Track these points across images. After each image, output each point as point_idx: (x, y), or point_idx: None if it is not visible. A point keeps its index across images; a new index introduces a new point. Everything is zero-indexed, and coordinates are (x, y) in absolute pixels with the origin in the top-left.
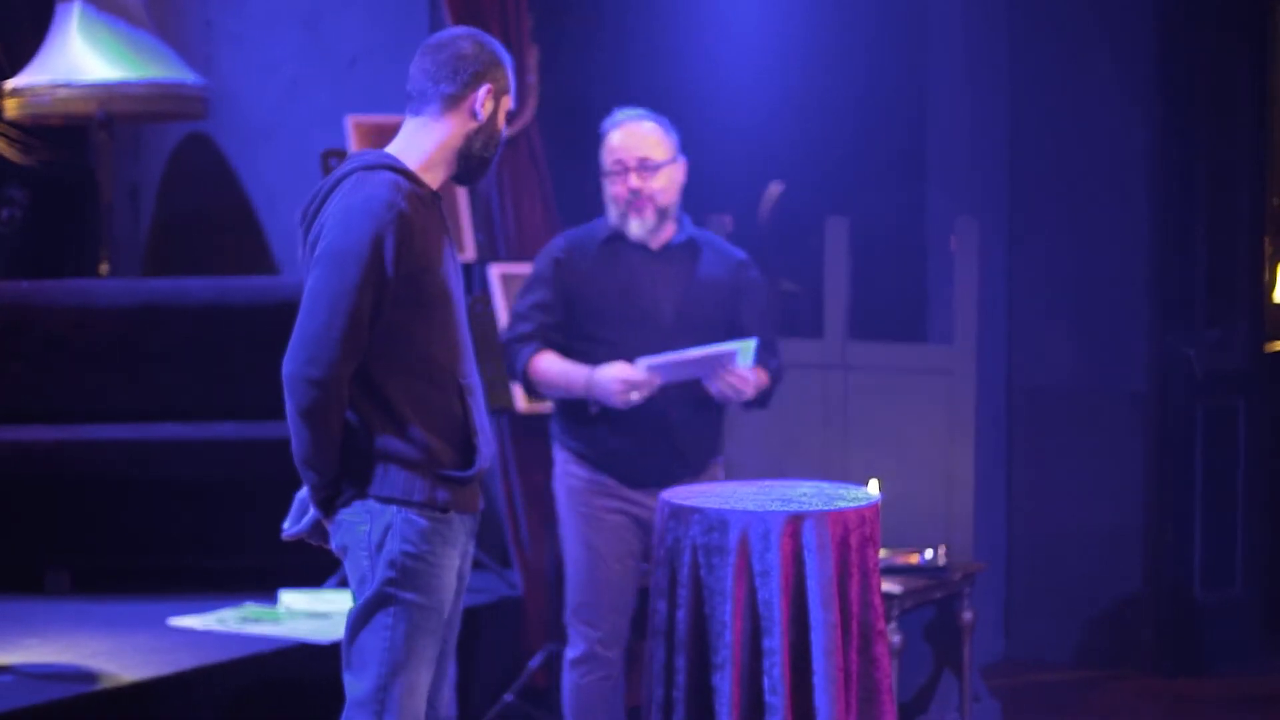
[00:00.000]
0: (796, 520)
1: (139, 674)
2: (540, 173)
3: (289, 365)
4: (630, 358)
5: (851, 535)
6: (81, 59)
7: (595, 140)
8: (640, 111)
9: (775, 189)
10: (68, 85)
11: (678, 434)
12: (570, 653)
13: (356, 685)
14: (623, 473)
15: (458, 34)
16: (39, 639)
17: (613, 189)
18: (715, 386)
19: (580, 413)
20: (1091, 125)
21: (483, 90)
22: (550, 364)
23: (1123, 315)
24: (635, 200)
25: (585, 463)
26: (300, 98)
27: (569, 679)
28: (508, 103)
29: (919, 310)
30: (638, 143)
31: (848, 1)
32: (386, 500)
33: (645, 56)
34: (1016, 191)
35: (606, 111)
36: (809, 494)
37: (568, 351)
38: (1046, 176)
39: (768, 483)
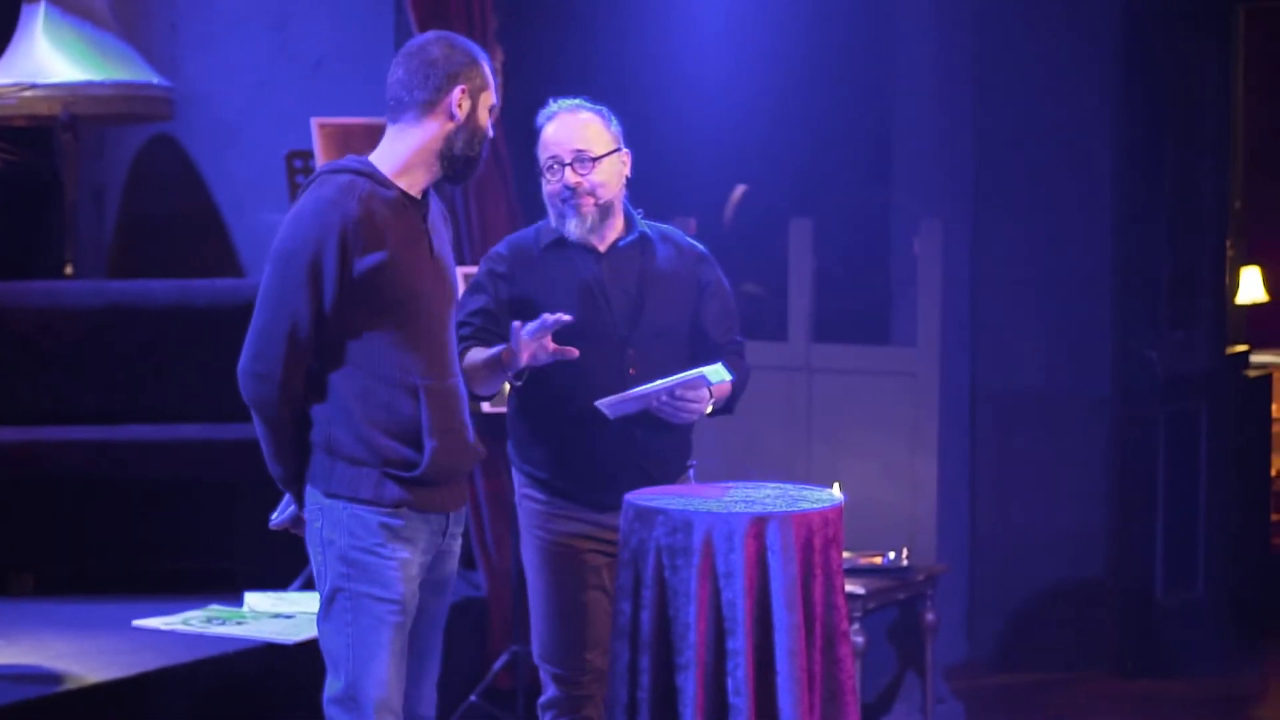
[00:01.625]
0: (760, 522)
1: (103, 675)
2: (504, 174)
3: (240, 361)
4: (589, 373)
5: (815, 537)
6: (46, 60)
7: None
8: (577, 101)
9: (739, 191)
10: (32, 86)
11: (642, 451)
12: (541, 696)
13: (331, 684)
14: (585, 497)
15: (427, 39)
16: (3, 640)
17: (548, 187)
18: (667, 412)
19: (534, 435)
20: (1056, 128)
21: (456, 91)
22: (475, 353)
23: (1086, 318)
24: (572, 197)
25: (543, 488)
26: (266, 100)
27: None
28: (489, 99)
29: (883, 313)
30: (573, 134)
31: (814, 4)
32: (334, 496)
33: (611, 57)
34: (981, 194)
35: None
36: (773, 496)
37: (532, 377)
38: (1011, 179)
39: (731, 484)
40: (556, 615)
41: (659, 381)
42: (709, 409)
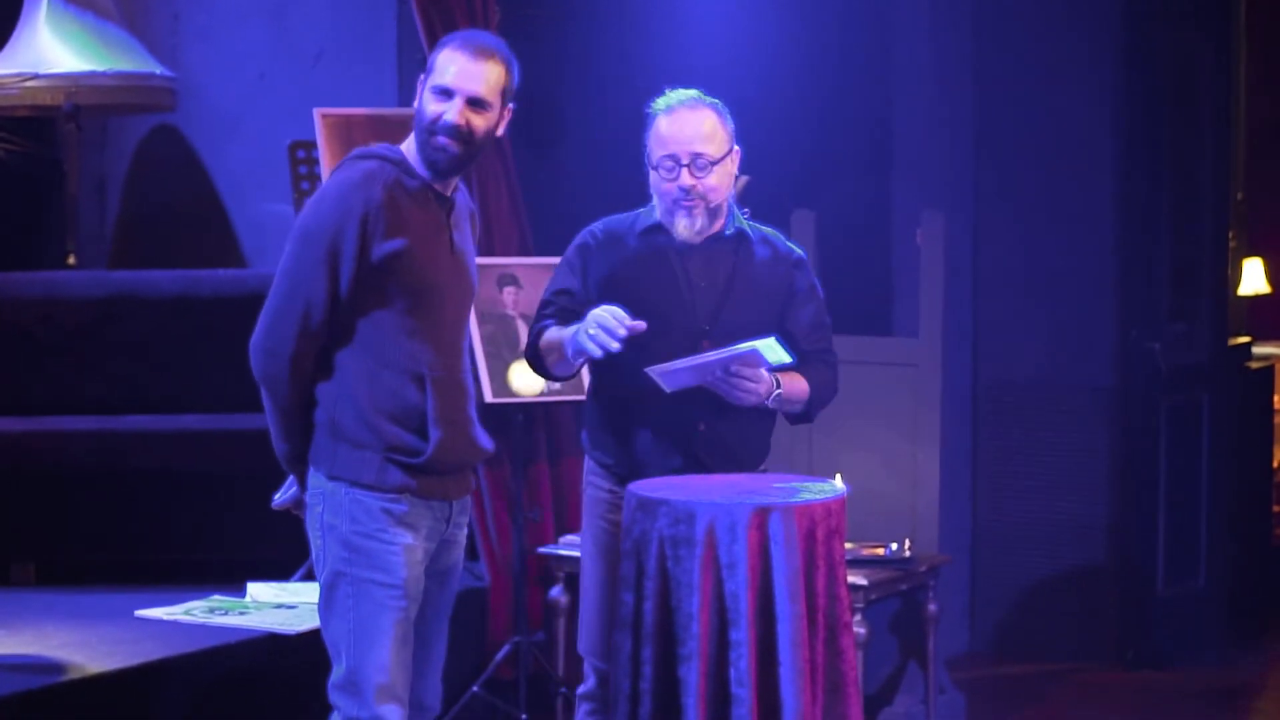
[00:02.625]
0: (763, 513)
1: (105, 665)
2: (507, 167)
3: (253, 336)
4: (661, 362)
5: (818, 528)
6: (49, 50)
7: (564, 135)
8: (695, 94)
9: (742, 182)
10: (35, 76)
11: (702, 444)
12: (581, 685)
13: (335, 671)
14: None
15: None
16: (5, 630)
17: (662, 185)
18: (723, 389)
19: (604, 420)
20: (1057, 119)
21: (419, 84)
22: (554, 332)
23: (1088, 309)
24: (685, 199)
25: (608, 475)
26: (267, 90)
27: (578, 713)
28: (434, 80)
29: (885, 304)
30: (695, 135)
31: None
32: (336, 479)
33: (613, 50)
34: (982, 185)
35: (574, 105)
36: (775, 487)
37: (608, 361)
38: (1012, 170)
39: (734, 476)
40: (603, 607)
41: (711, 354)
42: (772, 398)
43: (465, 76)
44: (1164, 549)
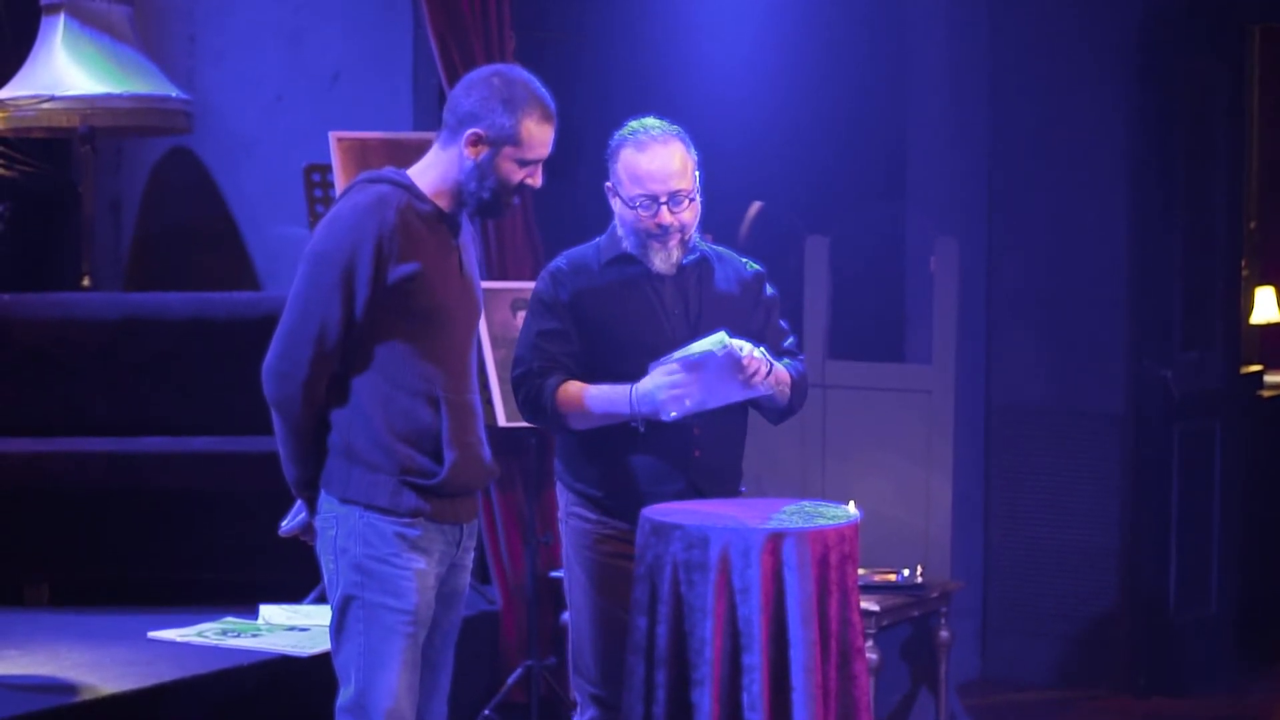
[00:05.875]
0: (777, 538)
1: (118, 686)
2: None
3: (266, 359)
4: None
5: (831, 553)
6: (65, 73)
7: (577, 159)
8: (661, 126)
9: (755, 208)
10: (51, 98)
11: (697, 469)
12: (577, 715)
13: (343, 693)
14: (637, 515)
15: (488, 71)
16: (18, 650)
17: (638, 223)
18: (736, 382)
19: (589, 453)
20: (1070, 146)
21: (468, 133)
22: (581, 389)
23: (1100, 336)
24: (663, 235)
25: (595, 507)
26: (283, 113)
27: None
28: (518, 153)
29: (897, 330)
30: (669, 171)
31: (829, 22)
32: (350, 502)
33: (628, 78)
34: (995, 212)
35: (588, 131)
36: (789, 512)
37: None
38: (1025, 197)
39: (747, 500)
40: (602, 636)
41: (671, 375)
42: (772, 375)
43: (548, 146)
44: (1176, 575)
